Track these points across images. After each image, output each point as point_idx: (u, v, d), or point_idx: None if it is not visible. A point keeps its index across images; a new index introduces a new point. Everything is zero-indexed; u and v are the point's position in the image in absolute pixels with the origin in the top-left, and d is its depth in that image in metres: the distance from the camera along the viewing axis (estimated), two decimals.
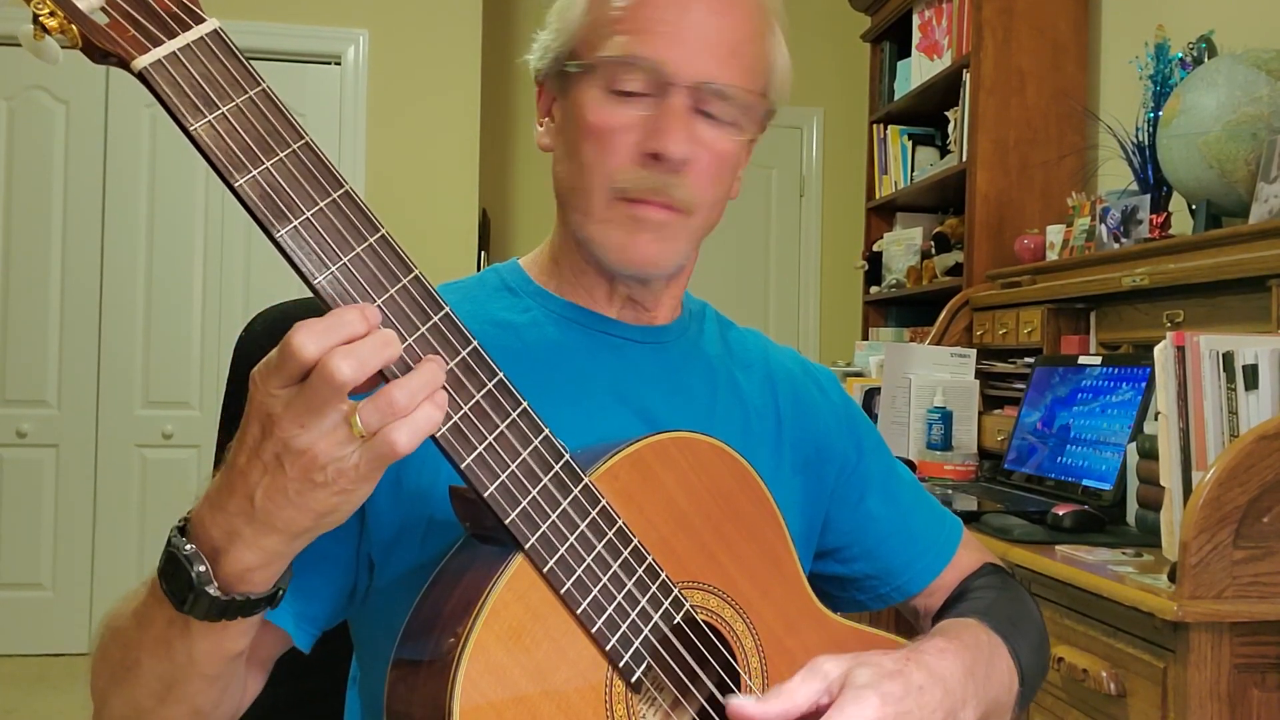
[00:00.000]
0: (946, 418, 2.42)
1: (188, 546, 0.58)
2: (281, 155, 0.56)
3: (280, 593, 0.61)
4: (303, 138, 0.57)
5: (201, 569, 0.58)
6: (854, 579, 0.92)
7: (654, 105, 0.74)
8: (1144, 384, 1.84)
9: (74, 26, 0.53)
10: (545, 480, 0.62)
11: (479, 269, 3.51)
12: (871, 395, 2.66)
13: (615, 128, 0.74)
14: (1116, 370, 1.96)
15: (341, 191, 0.57)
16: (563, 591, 0.62)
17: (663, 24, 0.73)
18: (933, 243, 3.12)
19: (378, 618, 0.76)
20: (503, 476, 0.60)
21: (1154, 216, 2.16)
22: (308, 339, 0.53)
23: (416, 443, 0.55)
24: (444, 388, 0.57)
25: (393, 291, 0.58)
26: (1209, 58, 2.09)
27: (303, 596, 0.72)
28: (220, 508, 0.58)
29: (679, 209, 0.76)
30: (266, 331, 0.98)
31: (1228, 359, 1.46)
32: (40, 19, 0.52)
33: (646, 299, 0.82)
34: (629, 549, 0.65)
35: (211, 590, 0.58)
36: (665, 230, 0.76)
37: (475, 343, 0.61)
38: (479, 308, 0.81)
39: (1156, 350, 1.49)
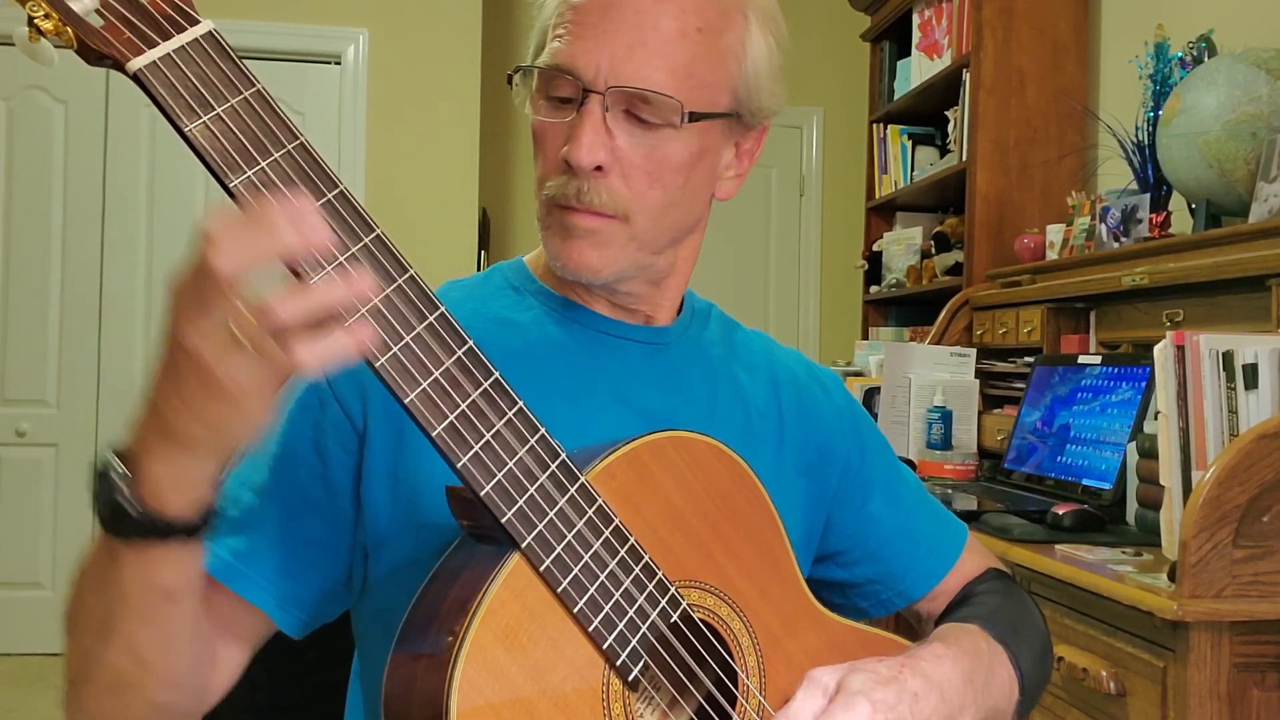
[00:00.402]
0: (946, 417, 2.41)
1: (112, 463, 0.57)
2: (276, 155, 0.56)
3: (202, 524, 0.59)
4: (297, 138, 0.57)
5: (120, 485, 0.56)
6: (856, 583, 0.91)
7: (576, 110, 0.74)
8: (1144, 383, 1.84)
9: (69, 29, 0.53)
10: (542, 479, 0.62)
11: (479, 269, 3.51)
12: (871, 395, 2.66)
13: (547, 134, 0.75)
14: (1116, 370, 1.96)
15: (336, 191, 0.57)
16: (559, 590, 0.62)
17: (586, 27, 0.72)
18: (932, 242, 3.12)
19: (373, 612, 0.76)
20: (499, 476, 0.60)
21: (1154, 216, 2.16)
22: (216, 223, 0.51)
23: (315, 364, 0.52)
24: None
25: (388, 291, 0.58)
26: (1209, 57, 2.09)
27: (286, 577, 0.71)
28: (138, 422, 0.57)
29: (609, 215, 0.74)
30: None
31: (1227, 358, 1.46)
32: (35, 21, 0.52)
33: (626, 301, 0.81)
34: (625, 548, 0.65)
35: (129, 509, 0.56)
36: (599, 237, 0.74)
37: (470, 342, 0.61)
38: (482, 305, 0.81)
39: (1156, 350, 1.49)
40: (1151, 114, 2.16)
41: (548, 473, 0.62)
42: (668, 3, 0.73)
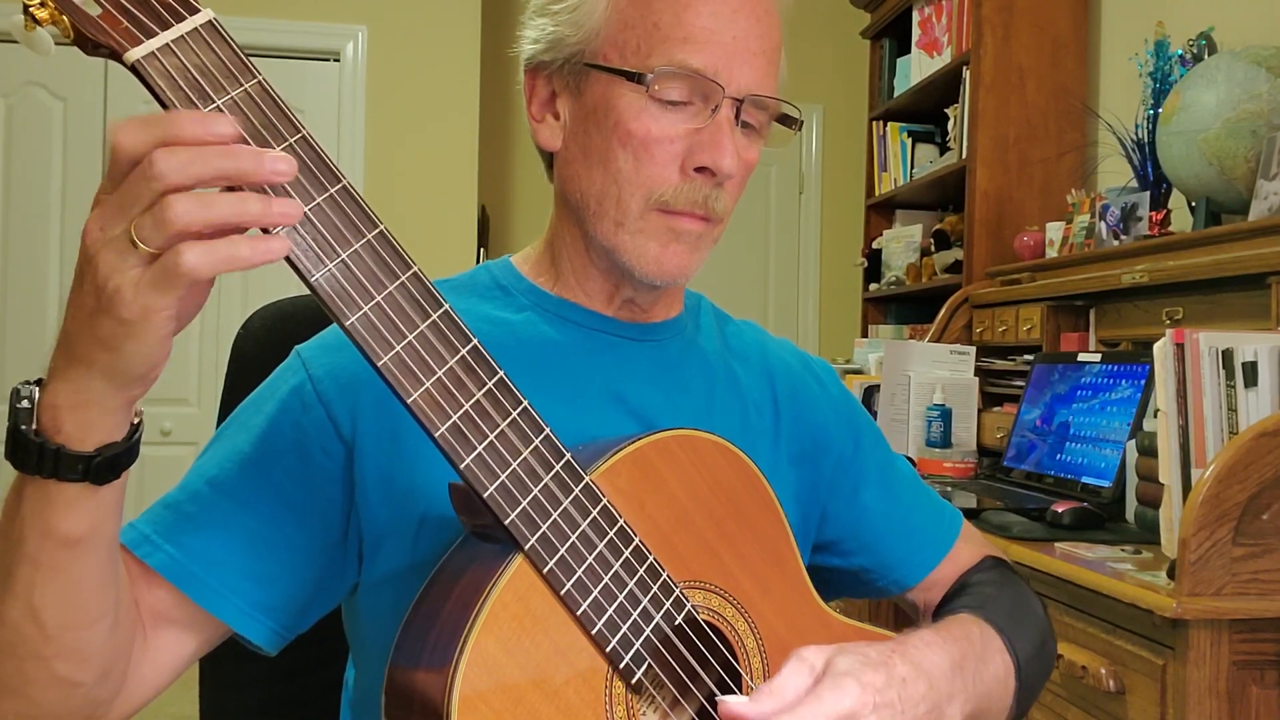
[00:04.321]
0: (946, 415, 2.41)
1: (23, 385, 0.55)
2: (277, 149, 0.55)
3: (99, 461, 0.55)
4: (299, 131, 0.56)
5: (21, 406, 0.54)
6: (852, 572, 0.91)
7: (698, 116, 0.73)
8: (1143, 381, 1.84)
9: (65, 18, 0.51)
10: (546, 479, 0.61)
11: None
12: (871, 392, 2.66)
13: (659, 138, 0.73)
14: (1116, 367, 1.96)
15: (339, 186, 0.56)
16: (563, 593, 0.61)
17: (711, 34, 0.72)
18: (932, 240, 3.12)
19: (369, 617, 0.75)
20: (503, 476, 0.59)
21: (1154, 214, 2.16)
22: (126, 126, 0.50)
23: (203, 270, 0.49)
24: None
25: (391, 288, 0.57)
26: (1208, 55, 2.09)
27: (254, 582, 0.69)
28: (56, 342, 0.54)
29: (712, 219, 0.76)
30: (265, 329, 0.97)
31: (1227, 356, 1.46)
32: (30, 9, 0.51)
33: (646, 302, 0.82)
34: (630, 549, 0.64)
35: (25, 428, 0.54)
36: (700, 240, 0.76)
37: (475, 340, 0.60)
38: (471, 305, 0.80)
39: (1156, 347, 1.49)
40: (1151, 111, 2.16)
41: (552, 473, 0.61)
42: (773, 13, 0.76)
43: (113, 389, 0.54)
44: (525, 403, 0.61)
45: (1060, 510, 1.69)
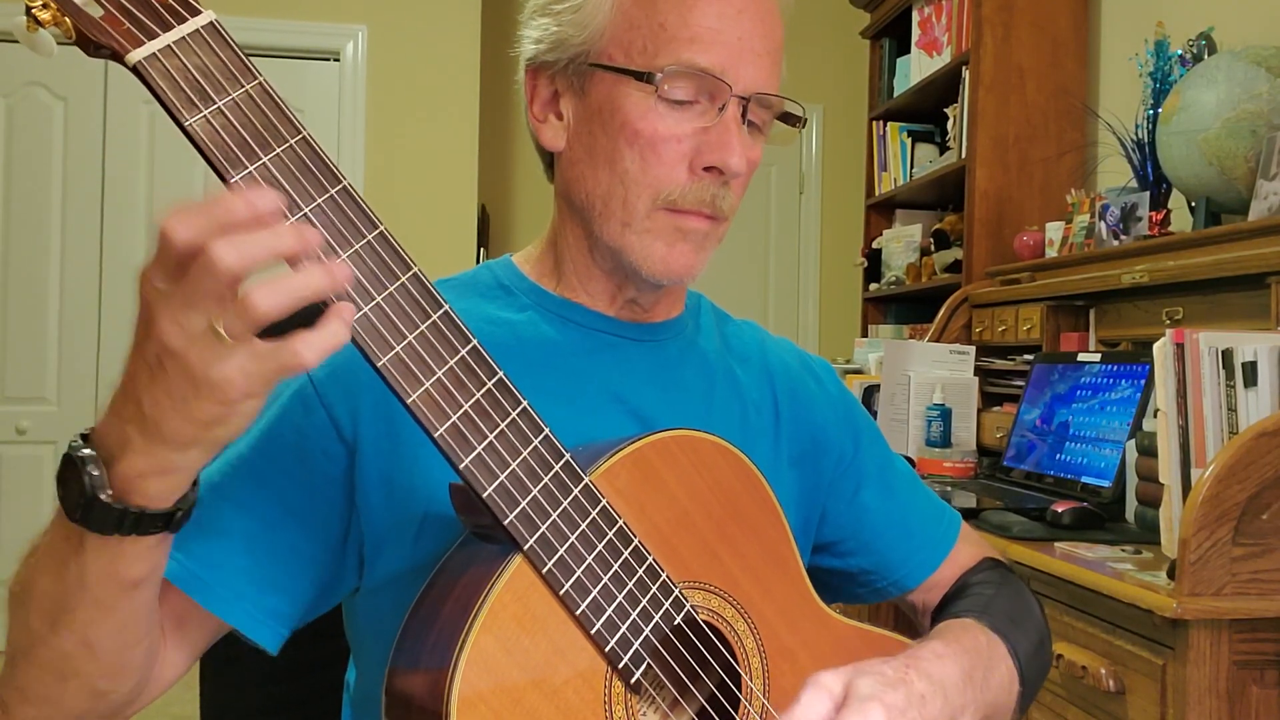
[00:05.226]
0: (946, 415, 2.41)
1: (84, 450, 0.55)
2: (278, 150, 0.55)
3: (180, 514, 0.57)
4: (300, 132, 0.56)
5: (95, 473, 0.54)
6: (851, 573, 0.91)
7: (704, 115, 0.73)
8: (1143, 381, 1.84)
9: (67, 19, 0.52)
10: (545, 480, 0.61)
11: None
12: (871, 392, 2.66)
13: (667, 137, 0.73)
14: (1116, 367, 1.96)
15: (339, 187, 0.56)
16: (562, 593, 0.61)
17: (717, 33, 0.73)
18: (932, 240, 3.12)
19: (369, 619, 0.75)
20: (502, 477, 0.60)
21: (1153, 214, 2.16)
22: (179, 222, 0.50)
23: (315, 361, 0.51)
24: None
25: (392, 289, 0.57)
26: (1208, 55, 2.09)
27: (260, 589, 0.70)
28: (115, 413, 0.55)
29: (719, 218, 0.76)
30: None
31: (1227, 356, 1.46)
32: (33, 11, 0.51)
33: (648, 302, 0.82)
34: (629, 549, 0.64)
35: (103, 496, 0.54)
36: (706, 240, 0.76)
37: (475, 341, 0.60)
38: (473, 304, 0.80)
39: (1156, 347, 1.49)
40: (1151, 111, 2.16)
41: (551, 474, 0.62)
42: (775, 13, 0.76)
43: (205, 455, 0.56)
44: (525, 403, 0.61)
45: (1060, 510, 1.69)
